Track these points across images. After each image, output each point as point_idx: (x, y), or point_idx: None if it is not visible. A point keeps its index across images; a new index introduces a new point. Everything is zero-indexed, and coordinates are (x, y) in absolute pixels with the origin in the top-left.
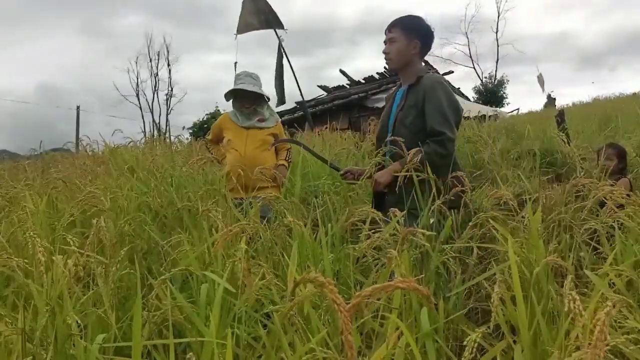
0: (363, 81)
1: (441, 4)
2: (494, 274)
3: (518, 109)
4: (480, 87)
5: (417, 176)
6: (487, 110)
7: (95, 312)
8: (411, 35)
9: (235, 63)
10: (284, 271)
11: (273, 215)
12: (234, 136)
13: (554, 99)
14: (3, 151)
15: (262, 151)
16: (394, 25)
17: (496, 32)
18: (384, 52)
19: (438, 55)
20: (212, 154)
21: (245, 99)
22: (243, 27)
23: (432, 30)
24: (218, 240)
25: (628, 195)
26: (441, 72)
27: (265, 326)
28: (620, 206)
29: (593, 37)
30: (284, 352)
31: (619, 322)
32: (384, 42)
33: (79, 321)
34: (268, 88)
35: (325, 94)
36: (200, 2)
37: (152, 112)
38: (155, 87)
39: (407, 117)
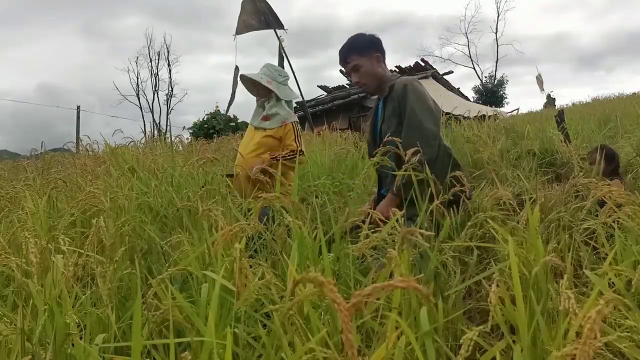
0: None
1: (441, 4)
2: (494, 273)
3: (518, 109)
4: (480, 87)
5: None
6: (487, 110)
7: (94, 312)
8: (368, 52)
9: (236, 67)
10: (284, 271)
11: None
12: (244, 137)
13: (554, 99)
14: (3, 151)
15: (254, 157)
16: (349, 54)
17: (496, 33)
18: (355, 82)
19: (438, 56)
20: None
21: (252, 89)
22: (242, 28)
23: (377, 35)
24: (218, 240)
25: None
26: (441, 72)
27: (265, 326)
28: (619, 206)
29: (592, 38)
30: (283, 352)
31: (618, 322)
32: (346, 74)
33: (79, 321)
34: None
35: (325, 94)
36: (200, 3)
37: (152, 112)
38: (155, 87)
39: (390, 128)
